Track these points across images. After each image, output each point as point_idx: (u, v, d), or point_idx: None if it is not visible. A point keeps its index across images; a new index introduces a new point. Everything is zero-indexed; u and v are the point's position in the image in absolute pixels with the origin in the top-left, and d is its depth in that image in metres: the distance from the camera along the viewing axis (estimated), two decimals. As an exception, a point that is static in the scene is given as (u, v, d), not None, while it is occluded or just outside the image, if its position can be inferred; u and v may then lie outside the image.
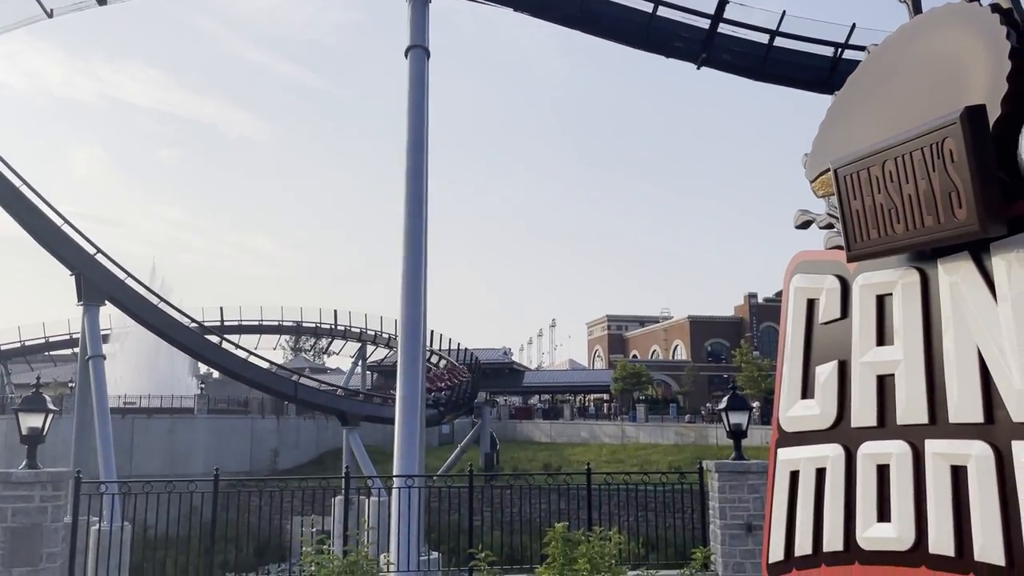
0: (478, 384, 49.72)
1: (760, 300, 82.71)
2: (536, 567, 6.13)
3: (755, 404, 43.37)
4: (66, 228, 27.90)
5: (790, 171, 3.78)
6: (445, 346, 55.69)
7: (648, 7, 20.71)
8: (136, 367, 47.39)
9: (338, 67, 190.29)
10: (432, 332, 48.25)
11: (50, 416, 9.41)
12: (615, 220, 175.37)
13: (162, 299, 32.25)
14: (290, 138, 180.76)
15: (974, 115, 2.55)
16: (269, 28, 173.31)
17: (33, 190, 27.25)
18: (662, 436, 52.52)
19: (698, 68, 21.74)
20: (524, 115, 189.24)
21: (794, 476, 3.51)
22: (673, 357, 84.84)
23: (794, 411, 3.56)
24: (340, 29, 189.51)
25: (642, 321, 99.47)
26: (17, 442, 30.73)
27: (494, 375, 64.70)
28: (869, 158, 2.94)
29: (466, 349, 55.30)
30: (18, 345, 54.42)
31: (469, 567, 10.20)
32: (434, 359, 50.96)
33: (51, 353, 56.97)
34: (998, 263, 2.65)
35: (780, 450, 3.62)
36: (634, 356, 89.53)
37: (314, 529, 9.22)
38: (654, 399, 67.18)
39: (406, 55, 19.63)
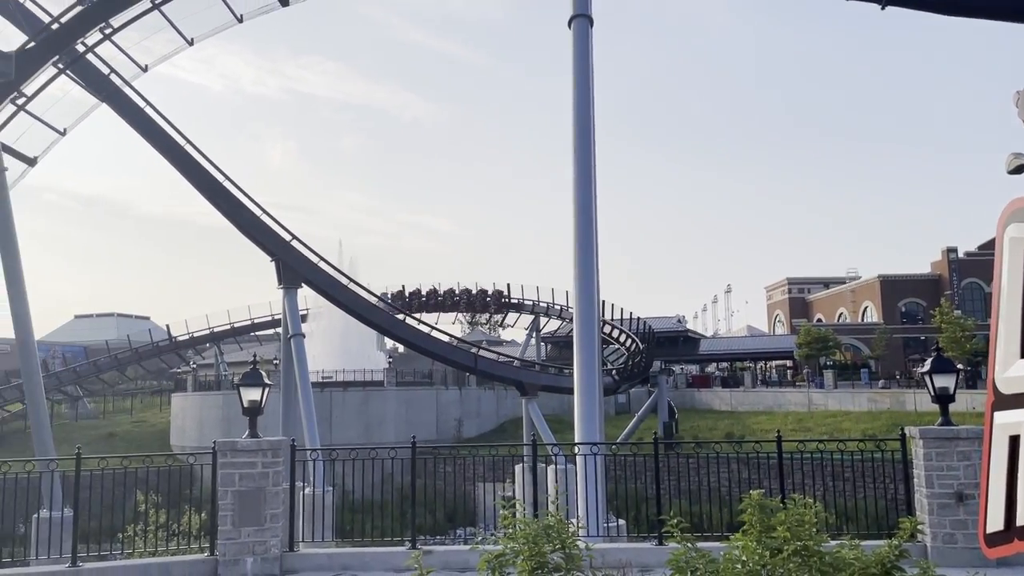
0: (652, 353, 49.26)
1: (961, 255, 76.26)
2: (728, 535, 6.04)
3: (959, 367, 40.23)
4: (265, 218, 30.23)
5: (990, 112, 3.49)
6: (617, 316, 55.57)
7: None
8: (330, 344, 50.63)
9: (503, 42, 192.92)
10: (604, 302, 48.21)
11: (267, 390, 10.33)
12: (793, 178, 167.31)
13: (351, 280, 34.25)
14: (459, 117, 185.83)
15: None
16: (434, 10, 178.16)
17: (236, 185, 29.71)
18: (853, 403, 49.86)
19: (883, 8, 20.18)
20: (692, 73, 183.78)
21: (1014, 441, 3.30)
22: (862, 320, 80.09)
23: (1012, 371, 3.33)
24: (503, 3, 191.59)
25: (826, 283, 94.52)
26: (232, 414, 33.89)
27: (668, 344, 63.81)
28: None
29: (639, 318, 54.87)
30: (228, 327, 59.69)
31: (659, 534, 10.24)
32: (607, 329, 50.98)
33: (257, 334, 62.11)
34: None
35: (997, 413, 3.40)
36: (818, 320, 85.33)
37: (504, 495, 9.57)
38: (843, 364, 63.88)
39: (569, 25, 19.60)
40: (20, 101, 26.97)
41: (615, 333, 53.31)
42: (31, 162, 28.23)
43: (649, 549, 10.25)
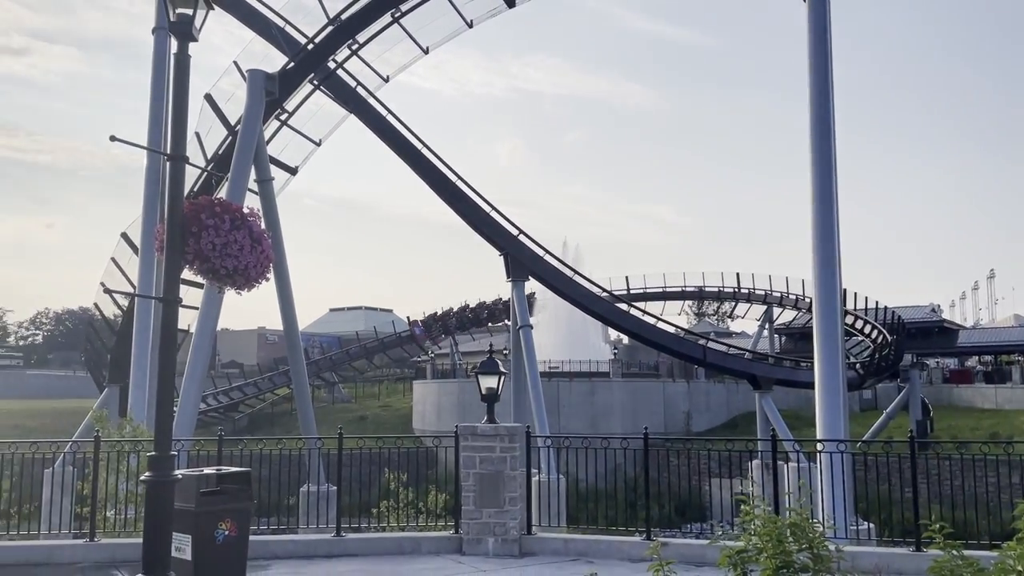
0: (902, 346, 45.39)
1: None
2: (997, 543, 5.43)
3: None
4: (494, 214, 31.44)
5: None
6: (861, 305, 51.80)
7: None
8: (556, 334, 51.66)
9: (728, 22, 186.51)
10: (845, 291, 45.21)
11: (503, 378, 10.74)
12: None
13: (575, 271, 34.73)
14: (682, 103, 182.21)
15: None
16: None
17: (467, 184, 31.15)
18: None
19: None
20: (943, 40, 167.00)
21: None
22: None
23: None
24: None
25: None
26: (467, 401, 35.60)
27: (920, 335, 58.51)
28: None
29: (886, 308, 50.77)
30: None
31: (916, 540, 9.43)
32: (849, 319, 47.70)
33: (487, 325, 64.86)
34: None
35: None
36: (1104, 309, 74.29)
37: (740, 492, 9.24)
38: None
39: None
40: (283, 117, 30.04)
41: (859, 324, 49.78)
42: (293, 171, 31.33)
43: (904, 555, 9.49)
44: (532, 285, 35.48)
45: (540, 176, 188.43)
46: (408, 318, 65.71)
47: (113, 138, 7.19)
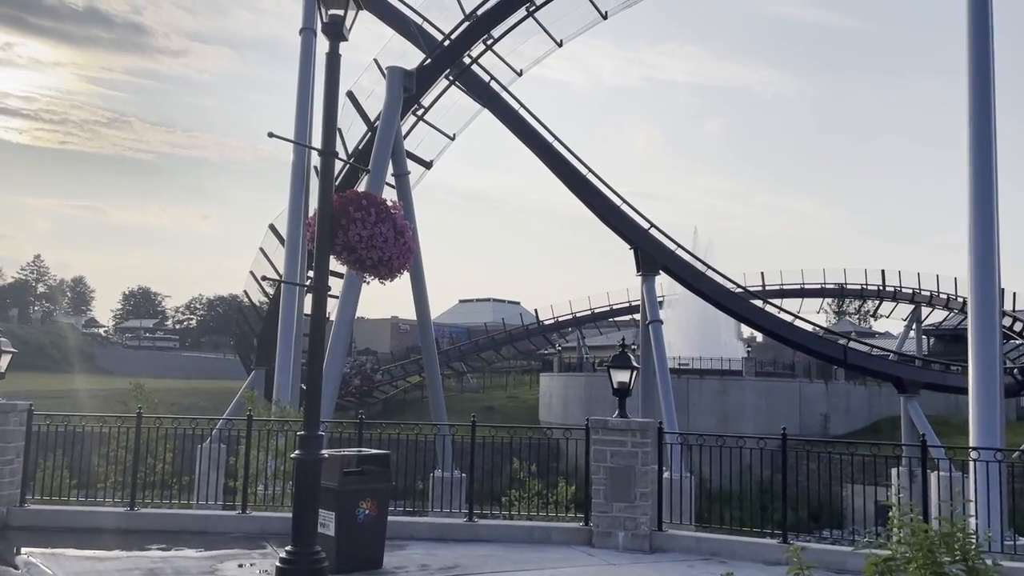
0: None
1: None
2: None
3: None
4: (624, 207, 31.19)
5: None
6: (1020, 307, 48.12)
7: None
8: (686, 330, 50.69)
9: (875, 3, 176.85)
10: (1003, 291, 42.09)
11: (635, 372, 10.67)
12: None
13: (708, 266, 33.98)
14: (826, 90, 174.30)
15: None
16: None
17: (597, 176, 31.06)
18: None
19: None
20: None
21: None
22: None
23: None
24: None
25: None
26: (594, 395, 35.56)
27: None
28: None
29: (1048, 309, 47.02)
30: (588, 313, 62.73)
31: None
32: (1006, 322, 44.39)
33: (614, 319, 64.46)
34: None
35: None
36: None
37: (883, 500, 8.84)
38: None
39: (961, -23, 17.30)
40: (419, 112, 30.90)
41: (1017, 327, 46.29)
42: (428, 165, 32.19)
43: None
44: (662, 279, 34.96)
45: (676, 167, 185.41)
46: (536, 311, 66.20)
47: (271, 135, 7.64)
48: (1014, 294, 47.50)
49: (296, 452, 7.68)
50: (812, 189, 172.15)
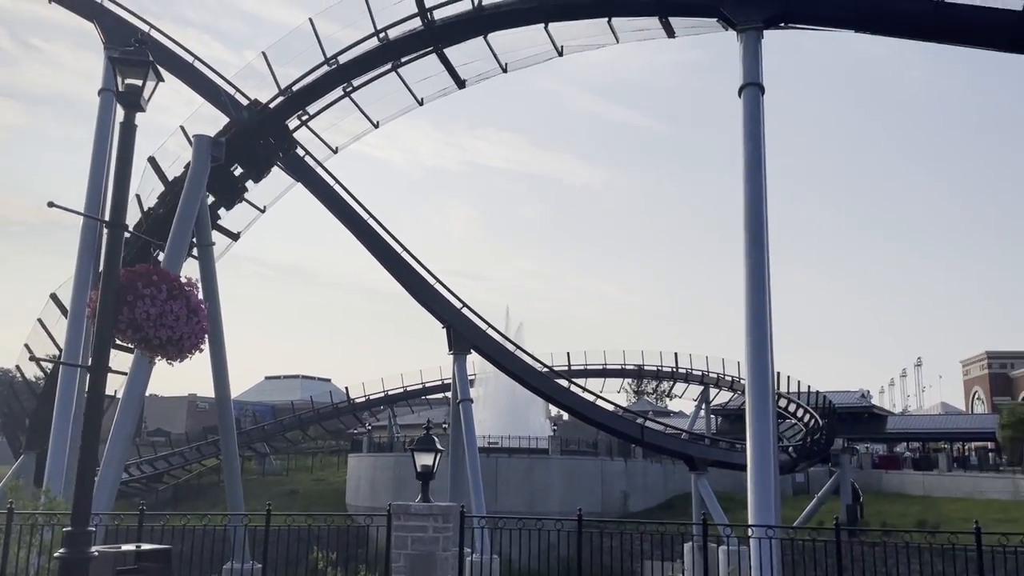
0: (833, 430, 46.28)
1: None
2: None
3: None
4: (438, 286, 31.46)
5: None
6: (793, 389, 52.86)
7: (1018, 4, 18.26)
8: (497, 409, 51.27)
9: (676, 107, 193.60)
10: (779, 374, 46.10)
11: (439, 455, 10.63)
12: (989, 242, 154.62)
13: (518, 346, 34.77)
14: (632, 183, 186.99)
15: None
16: (608, 79, 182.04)
17: (411, 255, 31.18)
18: (1069, 493, 44.43)
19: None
20: (873, 134, 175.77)
21: None
22: (1076, 400, 71.75)
23: None
24: (677, 70, 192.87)
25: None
26: (403, 476, 34.79)
27: (851, 420, 59.75)
28: None
29: (817, 392, 51.89)
30: (401, 391, 62.03)
31: (842, 629, 9.49)
32: (782, 403, 48.56)
33: (427, 397, 64.11)
34: None
35: None
36: None
37: (673, 574, 9.24)
38: (1055, 449, 57.28)
39: (739, 94, 19.43)
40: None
41: (791, 407, 50.68)
42: (235, 237, 30.99)
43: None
44: (474, 357, 35.34)
45: (493, 248, 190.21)
46: (347, 389, 64.61)
47: (51, 204, 7.11)
48: (788, 377, 52.11)
49: (61, 550, 6.94)
50: (617, 274, 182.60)
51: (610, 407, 36.79)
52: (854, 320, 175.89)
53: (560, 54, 25.03)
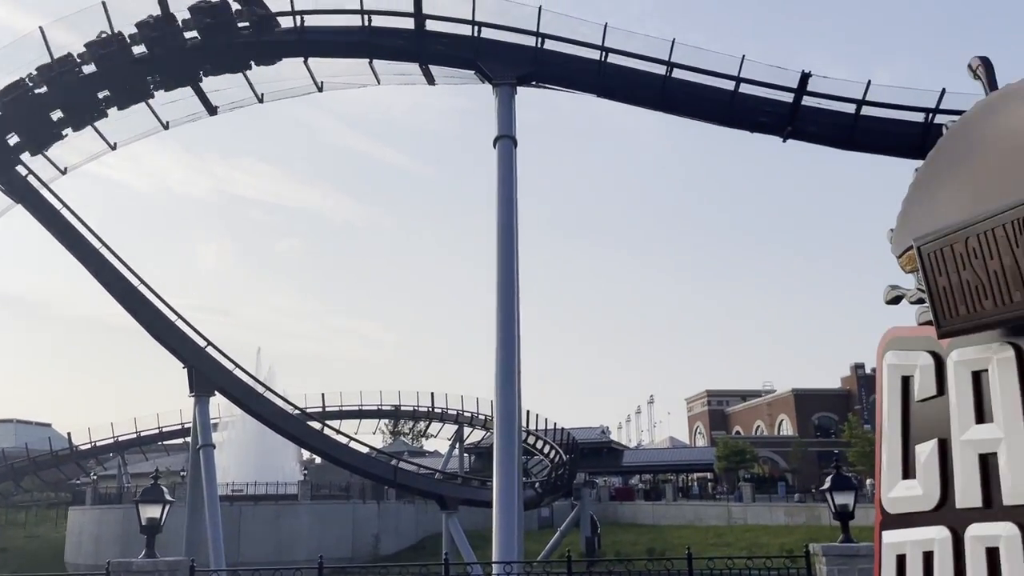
0: (576, 465, 48.96)
1: (868, 371, 79.37)
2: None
3: (869, 481, 41.05)
4: (179, 323, 29.47)
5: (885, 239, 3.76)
6: (541, 426, 55.35)
7: (729, 85, 20.93)
8: (243, 454, 48.73)
9: (440, 152, 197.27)
10: (528, 412, 48.07)
11: (167, 507, 9.87)
12: (712, 292, 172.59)
13: (267, 388, 33.39)
14: (392, 223, 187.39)
15: (1055, 191, 2.57)
16: (373, 117, 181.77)
17: (149, 288, 29.00)
18: (770, 517, 50.20)
19: (784, 141, 21.67)
20: (621, 189, 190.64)
21: (901, 560, 3.42)
22: (778, 432, 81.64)
23: (896, 492, 3.49)
24: (442, 115, 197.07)
25: (743, 396, 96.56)
26: (134, 530, 31.91)
27: (592, 455, 63.62)
28: (952, 235, 2.96)
29: (562, 429, 54.74)
30: (134, 436, 56.97)
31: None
32: (530, 440, 50.63)
33: (165, 443, 59.41)
34: (1094, 337, 2.61)
35: (885, 533, 3.54)
36: (737, 432, 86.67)
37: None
38: (760, 477, 64.64)
39: (494, 145, 20.33)
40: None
41: (539, 444, 52.93)
42: (-66, 261, 27.14)
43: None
44: (219, 399, 33.38)
45: (247, 283, 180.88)
46: (69, 434, 58.16)
47: None
48: (537, 415, 54.54)
49: None
50: (378, 313, 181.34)
51: (364, 449, 36.30)
52: (600, 360, 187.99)
53: (320, 89, 24.79)
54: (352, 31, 22.36)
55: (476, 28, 21.46)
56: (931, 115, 20.04)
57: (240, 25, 22.73)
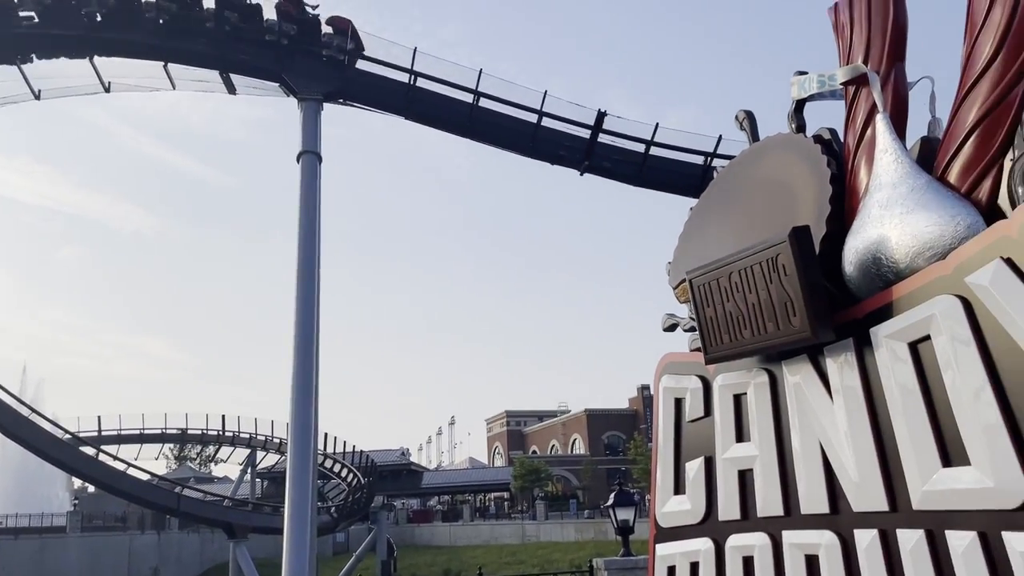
0: (374, 488, 48.20)
1: (652, 392, 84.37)
2: None
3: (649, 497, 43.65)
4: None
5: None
6: (340, 449, 54.02)
7: (533, 118, 21.79)
8: (3, 483, 44.01)
9: (241, 162, 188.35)
10: (326, 435, 46.80)
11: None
12: (514, 316, 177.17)
13: (33, 410, 30.23)
14: (187, 234, 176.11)
15: (800, 234, 2.89)
16: (168, 122, 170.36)
17: None
18: (562, 533, 51.93)
19: (581, 174, 22.84)
20: (425, 211, 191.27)
21: (671, 571, 3.66)
22: (572, 451, 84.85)
23: (668, 507, 3.73)
24: (245, 124, 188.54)
25: (540, 416, 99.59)
26: None
27: (392, 477, 62.95)
28: (718, 270, 3.23)
29: (361, 451, 53.74)
30: None
31: None
32: (327, 463, 49.30)
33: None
34: (831, 365, 2.94)
35: (658, 546, 3.78)
36: (533, 452, 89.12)
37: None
38: (554, 495, 66.79)
39: (298, 160, 19.79)
40: None
41: (336, 467, 51.62)
42: None
43: None
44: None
45: (18, 295, 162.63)
46: None
47: None
48: (336, 437, 53.20)
49: None
50: (167, 330, 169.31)
51: (144, 476, 33.73)
52: (401, 384, 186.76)
53: (107, 90, 22.99)
54: (146, 31, 20.97)
55: (284, 40, 20.85)
56: (709, 158, 21.90)
57: (22, 15, 20.66)
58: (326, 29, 21.38)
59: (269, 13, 21.06)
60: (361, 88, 21.60)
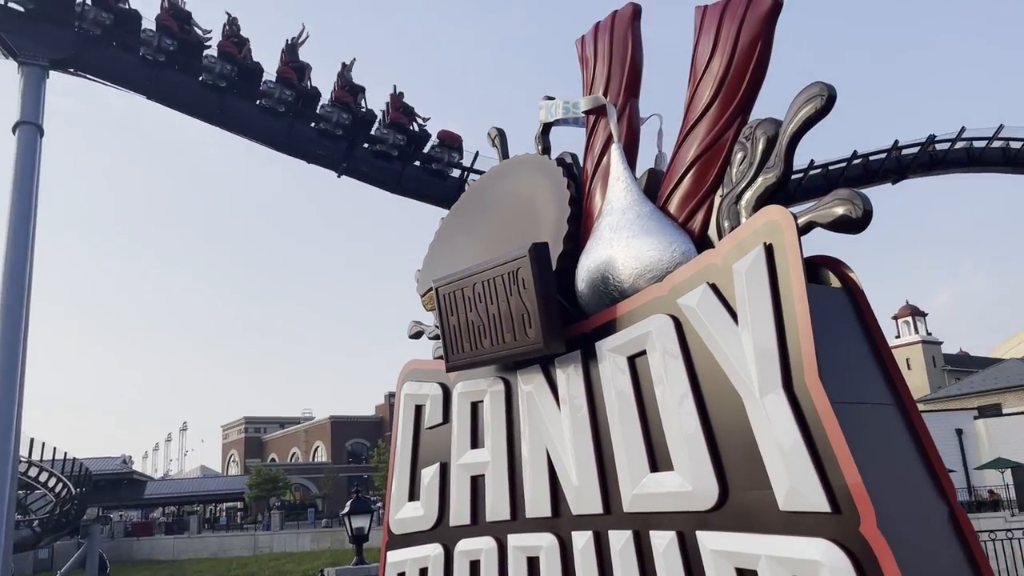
0: (88, 498, 43.68)
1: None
2: None
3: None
4: None
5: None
6: (48, 456, 48.36)
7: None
8: None
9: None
10: (32, 440, 41.71)
11: None
12: (261, 317, 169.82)
13: None
14: None
15: (539, 250, 3.02)
16: None
17: None
18: (298, 543, 50.45)
19: (339, 176, 22.44)
20: (167, 200, 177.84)
21: (402, 579, 3.65)
22: (314, 459, 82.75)
23: (402, 513, 3.72)
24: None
25: (282, 423, 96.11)
26: None
27: (110, 487, 57.41)
28: (463, 280, 3.29)
29: (75, 459, 48.49)
30: None
31: None
32: (32, 472, 43.94)
33: None
34: (560, 376, 3.10)
35: (390, 553, 3.75)
36: (272, 459, 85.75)
37: None
38: (292, 504, 64.68)
39: (13, 131, 17.55)
40: None
41: (42, 476, 46.13)
42: None
43: None
44: None
45: None
46: None
47: None
48: (43, 444, 47.60)
49: None
50: None
51: None
52: (127, 387, 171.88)
53: None
54: None
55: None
56: (466, 172, 22.48)
57: None
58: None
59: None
60: (98, 59, 19.64)
